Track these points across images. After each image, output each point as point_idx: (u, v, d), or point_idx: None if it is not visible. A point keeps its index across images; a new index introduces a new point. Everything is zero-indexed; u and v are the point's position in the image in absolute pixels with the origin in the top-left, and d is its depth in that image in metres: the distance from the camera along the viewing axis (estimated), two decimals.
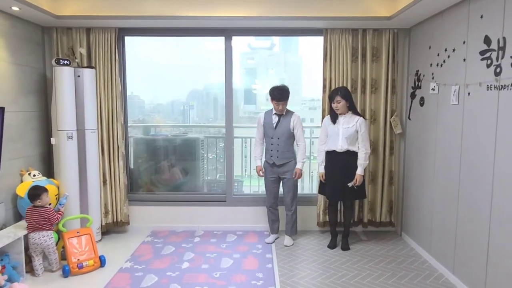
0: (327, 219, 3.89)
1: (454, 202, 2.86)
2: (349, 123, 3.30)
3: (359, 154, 3.31)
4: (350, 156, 3.32)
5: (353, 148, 3.32)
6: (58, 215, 3.02)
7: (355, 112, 3.36)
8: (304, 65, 5.65)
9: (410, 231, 3.72)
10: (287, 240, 3.61)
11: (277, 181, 3.59)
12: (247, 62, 6.04)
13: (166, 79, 4.91)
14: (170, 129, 4.96)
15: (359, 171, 3.30)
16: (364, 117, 3.38)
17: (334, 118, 3.38)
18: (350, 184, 3.31)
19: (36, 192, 2.96)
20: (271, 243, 3.65)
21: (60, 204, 3.10)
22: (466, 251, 2.71)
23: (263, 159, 3.65)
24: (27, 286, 2.18)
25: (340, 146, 3.31)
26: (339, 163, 3.35)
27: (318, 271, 3.06)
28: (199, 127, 5.11)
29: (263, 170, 3.62)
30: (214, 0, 3.48)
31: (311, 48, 4.62)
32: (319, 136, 3.54)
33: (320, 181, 3.55)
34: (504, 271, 2.29)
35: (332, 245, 3.54)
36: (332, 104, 3.34)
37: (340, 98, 3.28)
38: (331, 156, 3.40)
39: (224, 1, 3.48)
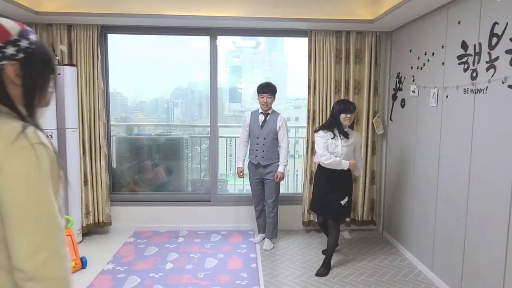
0: (312, 219, 3.94)
1: (433, 201, 2.95)
2: (348, 141, 3.03)
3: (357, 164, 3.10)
4: (342, 173, 3.05)
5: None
6: None
7: (351, 127, 3.17)
8: (289, 64, 5.68)
9: (391, 229, 3.81)
10: (267, 243, 3.55)
11: (260, 182, 3.57)
12: (232, 60, 6.02)
13: (150, 76, 4.85)
14: (154, 128, 4.91)
15: (355, 172, 3.16)
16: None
17: (332, 132, 3.04)
18: (343, 202, 3.03)
19: None
20: (258, 242, 3.67)
21: None
22: (444, 249, 2.80)
23: (246, 161, 3.65)
24: None
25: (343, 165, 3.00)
26: (325, 178, 3.10)
27: (302, 270, 3.10)
28: (183, 126, 5.07)
29: (243, 172, 3.63)
30: None
31: (296, 48, 4.65)
32: (318, 146, 3.07)
33: (312, 196, 3.32)
34: (478, 267, 2.39)
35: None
36: (342, 116, 3.00)
37: (351, 115, 3.02)
38: (326, 170, 3.07)
39: (209, 0, 3.47)
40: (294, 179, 4.89)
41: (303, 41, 3.86)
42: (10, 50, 0.84)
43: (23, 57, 0.86)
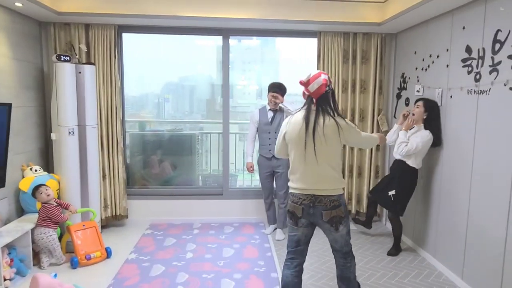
0: None
1: (436, 196, 3.17)
2: (414, 132, 3.14)
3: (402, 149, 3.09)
4: (401, 167, 3.20)
5: (407, 160, 3.16)
6: (61, 215, 3.10)
7: (425, 126, 3.11)
8: (281, 60, 5.83)
9: None
10: (279, 234, 3.77)
11: (270, 176, 3.77)
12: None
13: (140, 72, 4.78)
14: (157, 124, 4.98)
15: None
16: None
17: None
18: (390, 193, 3.26)
19: (33, 192, 3.09)
20: (270, 233, 3.86)
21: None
22: (446, 238, 3.03)
23: (255, 156, 3.83)
24: (49, 276, 2.27)
25: (395, 150, 3.24)
26: (391, 170, 3.43)
27: (315, 258, 3.31)
28: (194, 123, 5.20)
29: (253, 167, 3.82)
30: (213, 1, 3.61)
31: (288, 44, 4.79)
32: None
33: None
34: (479, 254, 2.62)
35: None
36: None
37: (420, 103, 3.13)
38: (395, 163, 3.36)
39: (222, 2, 3.61)
40: None
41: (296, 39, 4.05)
42: (330, 86, 2.14)
43: (331, 89, 2.15)
